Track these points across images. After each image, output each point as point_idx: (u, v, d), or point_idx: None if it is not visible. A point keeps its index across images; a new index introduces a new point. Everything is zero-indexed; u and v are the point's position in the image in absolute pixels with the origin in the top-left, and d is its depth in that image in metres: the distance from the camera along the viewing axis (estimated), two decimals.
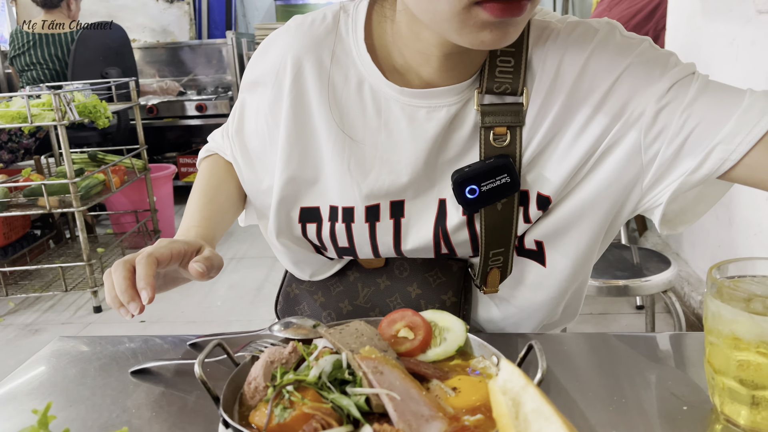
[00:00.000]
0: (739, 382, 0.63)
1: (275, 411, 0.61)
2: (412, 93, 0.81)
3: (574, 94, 0.78)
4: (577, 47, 0.78)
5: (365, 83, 0.83)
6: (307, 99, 0.85)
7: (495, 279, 0.88)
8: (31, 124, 2.72)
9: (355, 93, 0.84)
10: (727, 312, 0.62)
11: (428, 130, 0.82)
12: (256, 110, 0.91)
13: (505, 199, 0.82)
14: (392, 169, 0.84)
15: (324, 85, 0.84)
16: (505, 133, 0.80)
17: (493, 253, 0.85)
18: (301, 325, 0.81)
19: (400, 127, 0.83)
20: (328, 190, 0.87)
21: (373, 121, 0.84)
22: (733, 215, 2.35)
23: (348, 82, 0.84)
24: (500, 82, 0.79)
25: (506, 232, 0.84)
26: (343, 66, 0.84)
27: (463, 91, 0.81)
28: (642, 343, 0.86)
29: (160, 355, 0.87)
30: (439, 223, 0.85)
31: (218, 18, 5.33)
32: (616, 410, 0.69)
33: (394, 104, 0.83)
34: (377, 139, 0.84)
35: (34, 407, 0.74)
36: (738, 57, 2.27)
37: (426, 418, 0.61)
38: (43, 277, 3.30)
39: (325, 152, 0.85)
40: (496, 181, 0.79)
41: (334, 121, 0.84)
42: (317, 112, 0.84)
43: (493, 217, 0.83)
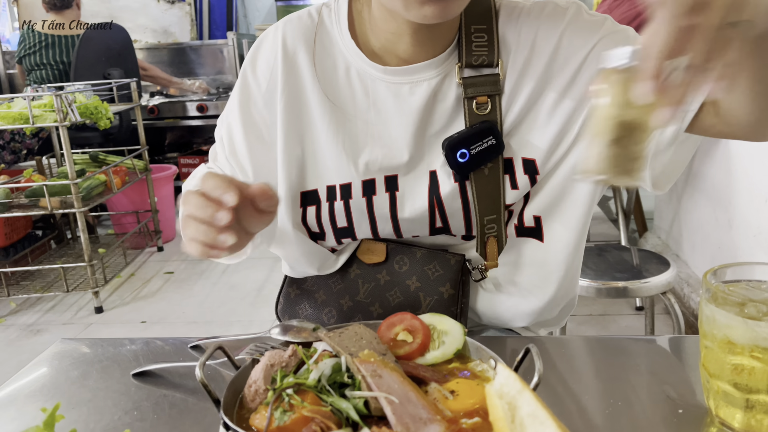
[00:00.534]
0: (733, 386, 0.64)
1: (275, 414, 0.61)
2: (394, 71, 0.89)
3: (551, 66, 0.87)
4: (550, 24, 0.87)
5: (352, 68, 0.91)
6: (301, 84, 0.92)
7: (493, 250, 0.93)
8: (32, 125, 2.73)
9: (343, 77, 0.91)
10: (722, 316, 0.63)
11: (412, 104, 0.89)
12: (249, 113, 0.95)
13: (492, 163, 0.88)
14: (384, 143, 0.91)
15: (316, 71, 0.91)
16: (486, 101, 0.88)
17: (487, 219, 0.91)
18: (300, 328, 0.82)
19: (387, 104, 0.90)
20: (326, 170, 0.93)
21: (362, 102, 0.91)
22: (732, 217, 2.35)
23: (336, 68, 0.92)
24: (477, 55, 0.88)
25: (496, 198, 0.90)
26: (331, 54, 0.92)
27: (440, 66, 0.89)
28: (638, 347, 0.87)
29: (162, 358, 0.88)
30: (433, 192, 0.91)
31: (219, 19, 5.34)
32: (612, 413, 0.70)
33: (380, 84, 0.90)
34: (367, 117, 0.91)
35: (37, 409, 0.75)
36: None
37: (424, 421, 0.62)
38: (45, 277, 3.31)
39: (321, 132, 0.92)
40: (483, 144, 0.87)
41: (328, 102, 0.91)
42: (311, 95, 0.92)
43: (482, 182, 0.89)
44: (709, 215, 2.57)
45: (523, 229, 0.94)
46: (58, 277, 3.22)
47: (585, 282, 2.00)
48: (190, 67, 5.08)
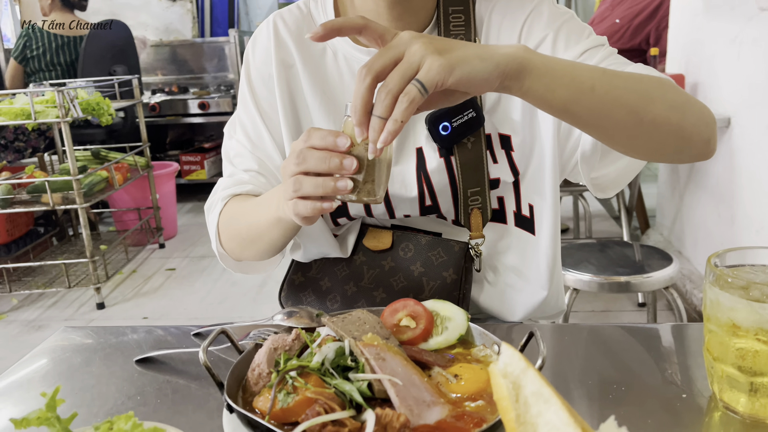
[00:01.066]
0: (737, 369, 0.64)
1: (279, 396, 0.61)
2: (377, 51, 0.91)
3: (505, 39, 0.92)
4: (517, 8, 0.92)
5: (339, 53, 0.96)
6: (294, 71, 0.97)
7: (477, 221, 0.96)
8: (34, 121, 2.73)
9: (331, 63, 0.96)
10: (726, 299, 0.63)
11: None
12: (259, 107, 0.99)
13: (473, 137, 0.92)
14: None
15: (306, 59, 0.96)
16: None
17: (471, 192, 0.94)
18: (303, 313, 0.82)
19: None
20: None
21: (350, 85, 0.95)
22: (735, 212, 2.35)
23: (325, 55, 0.97)
24: (455, 34, 0.92)
25: (479, 170, 0.93)
26: (319, 43, 0.95)
27: None
28: (641, 334, 0.87)
29: (164, 345, 0.88)
30: (420, 168, 0.94)
31: (221, 16, 5.34)
32: (615, 398, 0.70)
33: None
34: None
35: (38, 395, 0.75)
36: (740, 54, 2.28)
37: (427, 404, 0.62)
38: (47, 273, 3.31)
39: (314, 116, 0.97)
40: (463, 117, 0.90)
41: (318, 87, 0.96)
42: (303, 81, 0.97)
43: (465, 155, 0.93)
44: (711, 211, 2.57)
45: (520, 217, 0.98)
46: (59, 273, 3.22)
47: (587, 277, 2.00)
48: (191, 64, 5.08)
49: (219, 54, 5.02)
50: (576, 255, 2.14)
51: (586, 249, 2.20)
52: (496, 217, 0.99)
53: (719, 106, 2.46)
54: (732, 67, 2.35)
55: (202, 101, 4.51)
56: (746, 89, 2.26)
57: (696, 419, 0.67)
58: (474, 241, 0.97)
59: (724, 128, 2.39)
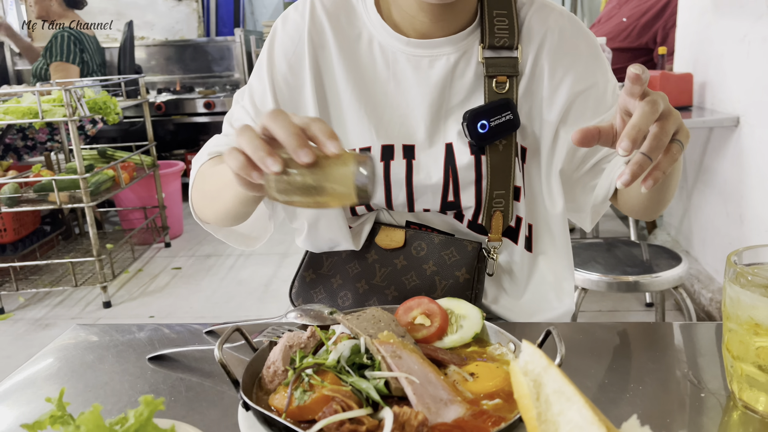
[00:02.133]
0: (758, 368, 0.63)
1: (295, 394, 0.61)
2: (416, 43, 0.93)
3: (556, 62, 0.94)
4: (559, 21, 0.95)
5: (374, 40, 0.95)
6: (327, 52, 0.95)
7: (498, 224, 0.97)
8: (42, 119, 2.74)
9: (366, 49, 0.96)
10: (746, 297, 0.62)
11: (431, 77, 0.93)
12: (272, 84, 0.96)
13: (505, 140, 0.93)
14: (402, 113, 0.95)
15: (341, 42, 0.95)
16: (506, 81, 0.93)
17: (496, 194, 0.95)
18: (317, 312, 0.82)
19: (407, 75, 0.94)
20: (347, 134, 0.96)
21: (383, 72, 0.95)
22: (744, 212, 2.34)
23: (360, 40, 0.96)
24: (499, 37, 0.93)
25: (507, 174, 0.95)
26: (355, 26, 0.96)
27: (458, 43, 0.94)
28: (655, 332, 0.86)
29: (176, 343, 0.88)
30: (449, 163, 0.94)
31: (226, 16, 5.34)
32: (633, 397, 0.69)
33: (400, 55, 0.94)
34: (387, 88, 0.95)
35: (52, 392, 0.74)
36: (749, 53, 2.26)
37: (445, 402, 0.62)
38: (53, 272, 3.31)
39: (344, 98, 0.95)
40: (501, 118, 0.92)
41: (351, 71, 0.95)
42: (336, 63, 0.95)
43: (496, 156, 0.94)
44: (719, 210, 2.55)
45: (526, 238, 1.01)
46: (66, 272, 3.23)
47: (595, 276, 1.99)
48: (197, 64, 5.09)
49: (224, 53, 5.02)
50: (583, 254, 2.13)
51: (593, 248, 2.19)
52: (509, 234, 1.00)
53: (728, 105, 2.45)
54: (741, 65, 2.33)
55: (207, 101, 4.52)
56: (755, 88, 2.25)
57: (715, 418, 0.66)
58: (492, 244, 0.98)
59: (733, 127, 2.38)
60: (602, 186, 0.96)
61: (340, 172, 0.61)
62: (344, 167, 0.61)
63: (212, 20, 5.34)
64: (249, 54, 4.91)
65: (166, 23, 5.34)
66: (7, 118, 2.79)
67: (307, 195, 0.62)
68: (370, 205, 0.98)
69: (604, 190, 0.95)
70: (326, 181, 0.61)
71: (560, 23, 0.95)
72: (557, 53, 0.94)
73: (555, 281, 1.04)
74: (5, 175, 3.12)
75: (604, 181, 0.96)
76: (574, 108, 0.94)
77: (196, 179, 0.94)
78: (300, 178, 0.62)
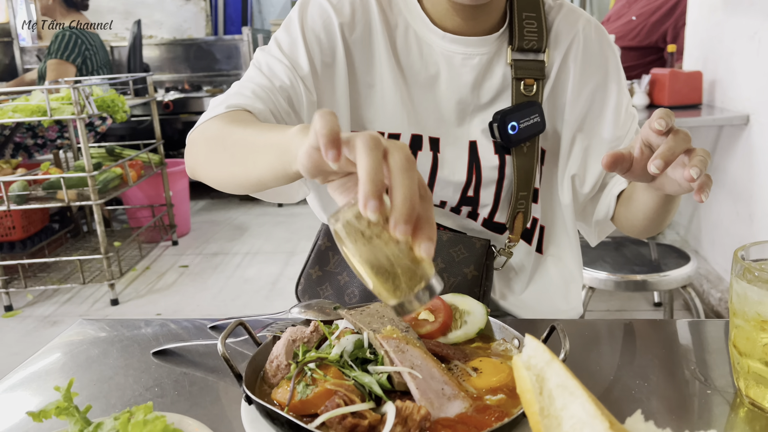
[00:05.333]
0: (764, 365, 0.62)
1: (298, 388, 0.61)
2: (452, 39, 0.93)
3: (580, 68, 0.95)
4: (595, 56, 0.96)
5: (410, 29, 0.95)
6: (372, 30, 0.95)
7: (519, 225, 0.98)
8: (50, 117, 2.75)
9: (403, 37, 0.95)
10: (754, 293, 0.61)
11: (463, 75, 0.94)
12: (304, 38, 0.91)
13: (529, 142, 0.94)
14: (431, 106, 0.95)
15: (384, 24, 0.94)
16: (533, 83, 0.94)
17: (521, 195, 0.96)
18: (321, 307, 0.81)
19: (440, 69, 0.95)
20: (379, 116, 0.95)
21: (416, 62, 0.95)
22: (753, 211, 2.32)
23: (398, 27, 0.96)
24: (528, 40, 0.94)
25: (530, 176, 0.96)
26: (395, 13, 0.96)
27: (491, 44, 0.94)
28: (662, 329, 0.86)
29: (180, 338, 0.88)
30: (473, 160, 0.96)
31: (234, 14, 5.35)
32: (638, 394, 0.69)
33: (435, 48, 0.95)
34: (419, 78, 0.95)
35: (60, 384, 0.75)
36: (759, 50, 2.24)
37: (448, 397, 0.61)
38: (61, 269, 3.33)
39: (384, 80, 0.94)
40: (530, 120, 0.93)
41: (391, 54, 0.94)
42: (379, 44, 0.94)
43: (521, 158, 0.95)
44: (729, 210, 2.53)
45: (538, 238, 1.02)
46: (74, 269, 3.25)
47: (603, 275, 1.98)
48: (205, 62, 5.10)
49: (232, 52, 5.03)
50: (591, 253, 2.12)
51: (601, 247, 2.18)
52: (524, 236, 1.02)
53: (738, 103, 2.43)
54: (751, 63, 2.32)
55: None
56: (765, 86, 2.23)
57: (721, 415, 0.65)
58: (509, 245, 0.99)
59: (743, 126, 2.36)
60: (603, 202, 0.99)
61: (416, 269, 0.51)
62: (424, 265, 0.51)
63: (220, 19, 5.35)
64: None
65: (174, 22, 5.36)
66: (16, 116, 2.81)
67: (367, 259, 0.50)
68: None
69: (605, 207, 0.98)
70: (396, 266, 0.50)
71: (587, 30, 0.96)
72: (583, 60, 0.95)
73: (563, 283, 1.05)
74: (14, 173, 3.14)
75: (605, 198, 0.99)
76: (591, 115, 0.96)
77: (210, 132, 0.79)
78: (377, 242, 0.49)
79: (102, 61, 3.79)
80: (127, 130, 4.19)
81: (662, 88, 2.58)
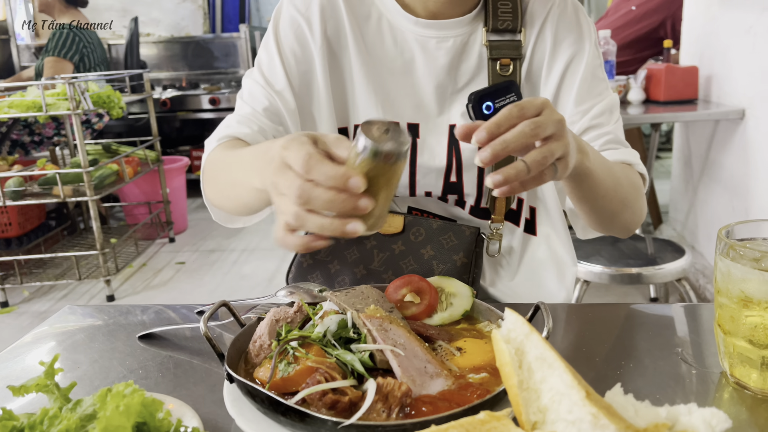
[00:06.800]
0: (749, 343, 0.62)
1: (279, 366, 0.61)
2: (425, 23, 0.93)
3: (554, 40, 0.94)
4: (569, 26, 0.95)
5: (383, 18, 0.96)
6: (341, 26, 0.95)
7: (501, 206, 0.97)
8: (45, 113, 2.75)
9: (375, 26, 0.96)
10: (737, 270, 0.61)
11: (438, 58, 0.94)
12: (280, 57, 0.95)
13: None
14: (407, 93, 0.95)
15: (352, 17, 0.95)
16: (509, 63, 0.94)
17: None
18: (307, 289, 0.81)
19: (415, 55, 0.95)
20: (355, 110, 0.97)
21: (391, 50, 0.96)
22: (749, 205, 2.32)
23: (370, 16, 0.96)
24: (503, 20, 0.94)
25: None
26: (365, 4, 0.96)
27: (466, 25, 0.94)
28: (651, 313, 0.85)
29: (166, 323, 0.88)
30: (453, 144, 0.95)
31: (232, 12, 5.35)
32: (624, 374, 0.69)
33: (409, 35, 0.95)
34: (394, 66, 0.96)
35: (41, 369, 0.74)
36: (755, 45, 2.24)
37: (430, 375, 0.61)
38: (58, 266, 3.33)
39: (355, 74, 0.96)
40: (506, 99, 0.90)
41: (362, 47, 0.95)
42: (349, 39, 0.95)
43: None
44: (725, 204, 2.53)
45: (526, 221, 1.00)
46: (70, 266, 3.24)
47: (598, 269, 1.98)
48: (202, 60, 5.10)
49: (230, 50, 5.02)
50: (587, 248, 2.12)
51: (597, 242, 2.18)
52: (511, 217, 1.01)
53: (733, 98, 2.43)
54: (747, 58, 2.31)
55: (212, 97, 4.52)
56: (761, 80, 2.22)
57: (707, 395, 0.65)
58: (494, 226, 0.98)
59: (739, 120, 2.36)
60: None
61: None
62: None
63: (218, 17, 5.35)
64: (254, 50, 4.91)
65: (171, 20, 5.35)
66: (11, 112, 2.80)
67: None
68: None
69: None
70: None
71: (561, 5, 0.95)
72: (556, 34, 0.95)
73: (554, 268, 1.03)
74: (10, 169, 3.13)
75: None
76: (564, 88, 0.95)
77: (209, 168, 0.90)
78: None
79: (99, 58, 3.78)
80: (124, 127, 4.19)
81: (658, 84, 2.58)
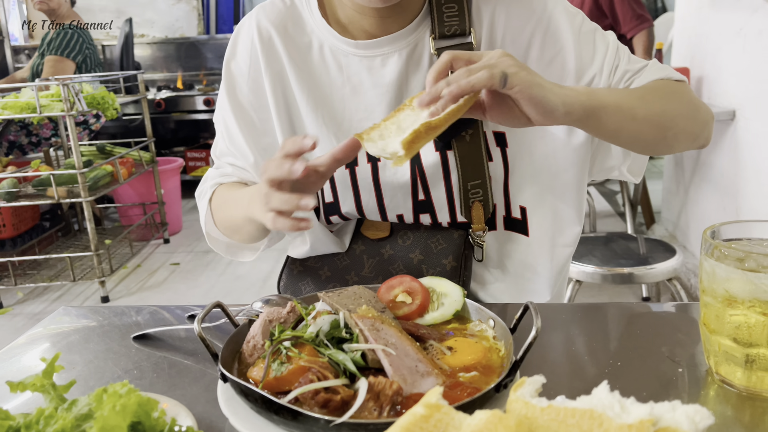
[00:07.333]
0: (733, 341, 0.63)
1: (272, 365, 0.61)
2: (365, 44, 0.91)
3: (507, 28, 0.90)
4: (525, 12, 0.89)
5: (324, 45, 0.93)
6: (280, 66, 0.94)
7: (479, 214, 0.94)
8: (39, 114, 2.75)
9: (317, 55, 0.94)
10: (722, 270, 0.62)
11: (386, 75, 0.91)
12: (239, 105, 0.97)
13: (472, 130, 0.90)
14: (361, 116, 0.93)
15: (293, 54, 0.94)
16: None
17: (471, 185, 0.92)
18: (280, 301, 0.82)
19: (361, 77, 0.92)
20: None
21: (336, 78, 0.93)
22: (740, 205, 2.34)
23: (311, 47, 0.94)
24: (449, 25, 0.89)
25: (479, 164, 0.91)
26: (304, 34, 0.94)
27: (408, 36, 0.91)
28: (639, 312, 0.87)
29: (161, 324, 0.88)
30: (415, 162, 0.92)
31: (226, 13, 5.35)
32: (611, 372, 0.70)
33: (352, 58, 0.92)
34: (343, 92, 0.93)
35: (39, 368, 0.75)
36: (745, 46, 2.26)
37: (421, 374, 0.62)
38: (52, 267, 3.32)
39: (302, 110, 0.94)
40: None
41: (305, 81, 0.93)
42: (290, 75, 0.94)
43: (464, 148, 0.91)
44: (716, 205, 2.55)
45: (510, 220, 0.97)
46: (65, 267, 3.24)
47: (590, 268, 1.99)
48: (197, 61, 5.10)
49: (224, 51, 5.01)
50: (580, 248, 2.13)
51: (590, 242, 2.19)
52: (492, 223, 0.97)
53: (724, 99, 2.45)
54: (737, 59, 2.34)
55: (207, 98, 4.53)
56: (751, 81, 2.25)
57: (692, 393, 0.66)
58: (476, 233, 0.95)
59: (729, 121, 2.38)
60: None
61: None
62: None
63: (212, 18, 5.35)
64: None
65: (166, 21, 5.35)
66: (5, 113, 2.80)
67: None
68: (343, 215, 0.97)
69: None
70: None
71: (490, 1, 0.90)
72: (508, 19, 0.89)
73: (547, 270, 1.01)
74: (4, 170, 3.13)
75: None
76: (531, 55, 0.90)
77: (216, 211, 0.98)
78: None
79: (97, 60, 3.78)
80: (119, 128, 4.18)
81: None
